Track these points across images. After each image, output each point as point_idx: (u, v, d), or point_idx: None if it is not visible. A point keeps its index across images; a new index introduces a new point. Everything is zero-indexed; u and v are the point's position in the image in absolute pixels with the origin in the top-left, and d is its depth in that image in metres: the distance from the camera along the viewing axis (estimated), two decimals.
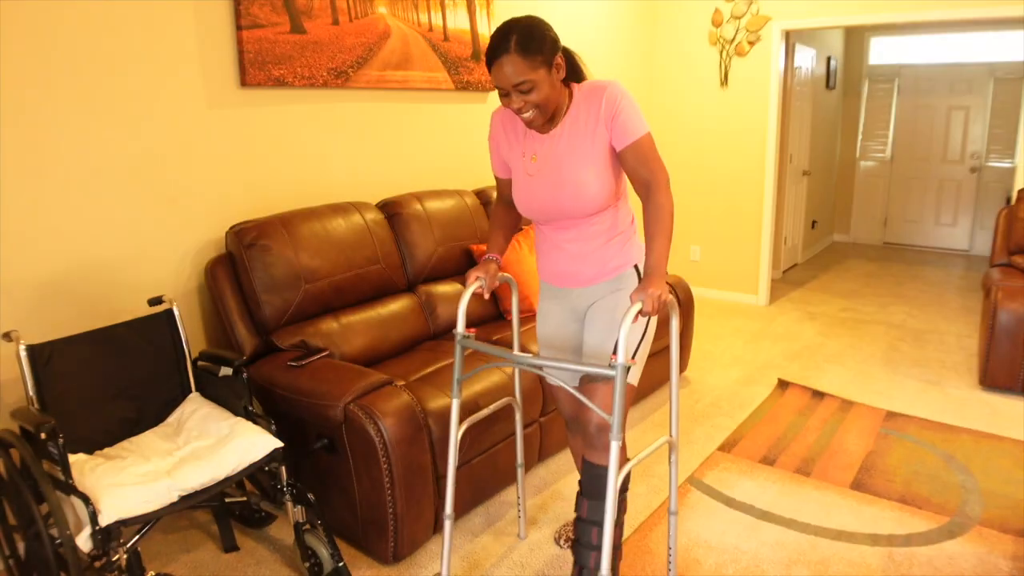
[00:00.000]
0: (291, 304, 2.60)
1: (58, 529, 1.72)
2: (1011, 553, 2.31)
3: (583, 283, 1.96)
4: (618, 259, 1.92)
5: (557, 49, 1.73)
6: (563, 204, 1.85)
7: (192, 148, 2.62)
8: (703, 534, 2.44)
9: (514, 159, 1.93)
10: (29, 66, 2.18)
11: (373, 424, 2.13)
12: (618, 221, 1.90)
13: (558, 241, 1.94)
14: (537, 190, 1.87)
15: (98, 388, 2.16)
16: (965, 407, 3.46)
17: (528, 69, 1.67)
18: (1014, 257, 4.01)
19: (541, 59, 1.68)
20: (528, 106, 1.73)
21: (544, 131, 1.85)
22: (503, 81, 1.71)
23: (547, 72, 1.71)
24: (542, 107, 1.74)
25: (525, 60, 1.67)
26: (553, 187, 1.84)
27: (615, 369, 1.57)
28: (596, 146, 1.79)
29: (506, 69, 1.68)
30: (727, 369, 4.01)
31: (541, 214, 1.91)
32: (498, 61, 1.69)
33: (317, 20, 2.91)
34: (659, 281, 1.66)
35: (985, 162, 6.80)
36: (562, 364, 1.66)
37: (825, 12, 4.64)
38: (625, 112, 1.76)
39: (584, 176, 1.80)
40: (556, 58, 1.73)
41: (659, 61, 5.38)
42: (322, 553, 2.14)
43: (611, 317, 1.90)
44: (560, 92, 1.78)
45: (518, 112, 1.76)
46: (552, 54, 1.71)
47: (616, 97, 1.77)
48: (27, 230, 2.23)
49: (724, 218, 5.33)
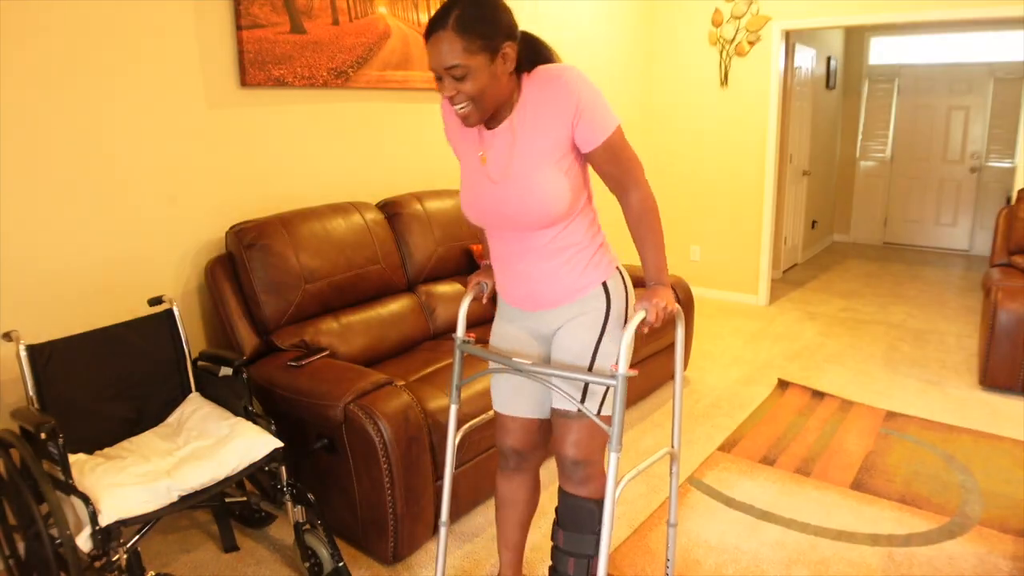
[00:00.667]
0: (291, 304, 2.60)
1: (58, 529, 1.72)
2: (1011, 553, 2.31)
3: (544, 306, 1.69)
4: (585, 277, 1.65)
5: (509, 35, 1.45)
6: (513, 214, 1.58)
7: (192, 148, 2.62)
8: (703, 534, 2.44)
9: (466, 154, 1.66)
10: (29, 66, 2.18)
11: (373, 424, 2.13)
12: (581, 234, 1.64)
13: (510, 257, 1.67)
14: (485, 195, 1.61)
15: (98, 388, 2.16)
16: (965, 407, 3.45)
17: (464, 52, 1.40)
18: (1014, 257, 4.01)
19: (482, 43, 1.41)
20: (461, 96, 1.46)
21: (490, 126, 1.59)
22: (435, 61, 1.44)
23: (487, 60, 1.43)
24: (477, 101, 1.46)
25: (462, 40, 1.39)
26: (504, 192, 1.57)
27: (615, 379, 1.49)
28: (552, 147, 1.53)
29: (441, 47, 1.41)
30: (727, 369, 4.01)
31: (489, 222, 1.65)
32: (434, 36, 1.42)
33: (317, 20, 2.91)
34: (664, 290, 1.54)
35: (985, 162, 6.80)
36: (566, 373, 1.53)
37: (825, 12, 4.64)
38: (590, 107, 1.49)
39: (537, 182, 1.53)
40: (504, 46, 1.44)
41: (659, 61, 5.38)
42: (322, 553, 2.14)
43: (583, 341, 1.65)
44: (505, 86, 1.50)
45: (450, 102, 1.49)
46: (499, 39, 1.43)
47: (576, 89, 1.48)
48: (27, 230, 2.23)
49: (724, 218, 5.33)
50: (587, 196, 1.66)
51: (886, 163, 7.34)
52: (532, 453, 1.86)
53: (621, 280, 1.72)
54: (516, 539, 1.97)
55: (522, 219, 1.58)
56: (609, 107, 1.54)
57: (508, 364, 1.62)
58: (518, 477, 1.91)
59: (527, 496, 1.93)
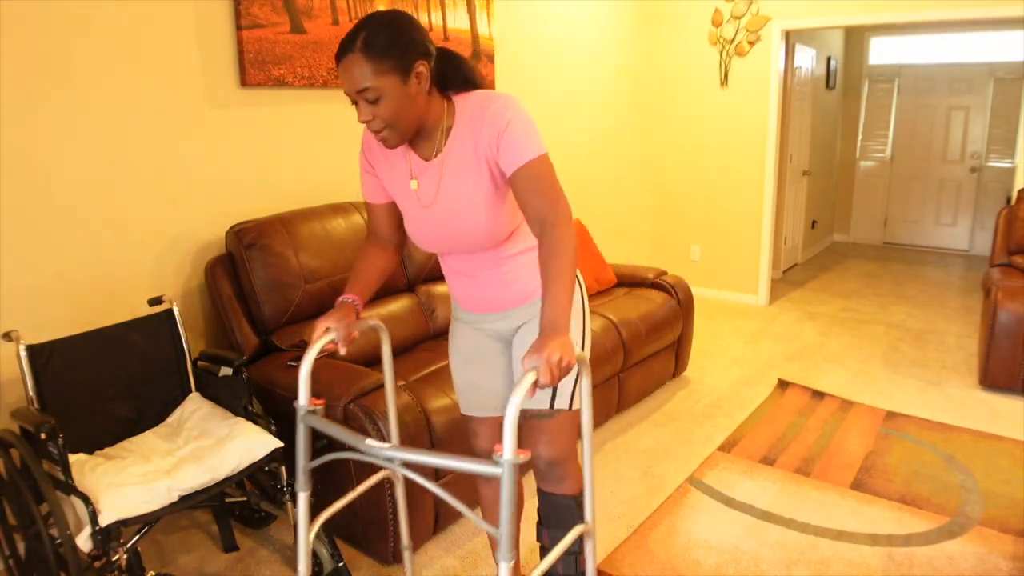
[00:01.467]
0: (291, 304, 2.60)
1: (58, 529, 1.72)
2: (1011, 553, 2.31)
3: (501, 308, 1.69)
4: (536, 281, 1.66)
5: (421, 54, 1.42)
6: (456, 240, 1.58)
7: (192, 148, 2.62)
8: (703, 534, 2.44)
9: (396, 183, 1.62)
10: (29, 66, 2.18)
11: (373, 424, 2.13)
12: (529, 241, 1.64)
13: (461, 269, 1.68)
14: (426, 223, 1.59)
15: (98, 388, 2.16)
16: (965, 407, 3.45)
17: (374, 74, 1.38)
18: (1014, 257, 4.01)
19: (392, 64, 1.38)
20: (378, 121, 1.43)
21: (425, 154, 1.56)
22: (347, 86, 1.41)
23: (399, 80, 1.40)
24: (394, 124, 1.44)
25: (371, 63, 1.37)
26: (441, 222, 1.57)
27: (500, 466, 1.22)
28: (484, 174, 1.50)
29: (352, 71, 1.38)
30: (727, 369, 4.01)
31: (435, 248, 1.65)
32: (344, 60, 1.39)
33: (317, 20, 2.91)
34: (559, 339, 1.29)
35: (985, 162, 6.80)
36: (429, 459, 1.27)
37: (825, 12, 4.64)
38: (513, 130, 1.45)
39: (474, 211, 1.52)
40: (417, 65, 1.41)
41: (659, 61, 5.38)
42: (322, 553, 2.14)
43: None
44: (422, 107, 1.47)
45: (367, 126, 1.46)
46: (410, 58, 1.40)
47: (502, 113, 1.46)
48: (27, 230, 2.23)
49: (724, 218, 5.33)
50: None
51: (886, 163, 7.34)
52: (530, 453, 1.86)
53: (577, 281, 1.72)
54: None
55: (465, 244, 1.59)
56: (537, 135, 1.48)
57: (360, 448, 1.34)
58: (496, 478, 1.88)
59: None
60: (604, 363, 3.07)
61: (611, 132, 5.05)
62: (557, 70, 4.42)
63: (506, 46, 3.98)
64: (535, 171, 1.45)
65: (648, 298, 3.54)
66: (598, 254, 3.80)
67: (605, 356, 3.07)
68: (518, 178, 1.46)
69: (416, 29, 1.43)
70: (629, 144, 5.28)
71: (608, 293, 3.68)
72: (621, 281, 3.83)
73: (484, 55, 3.75)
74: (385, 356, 1.75)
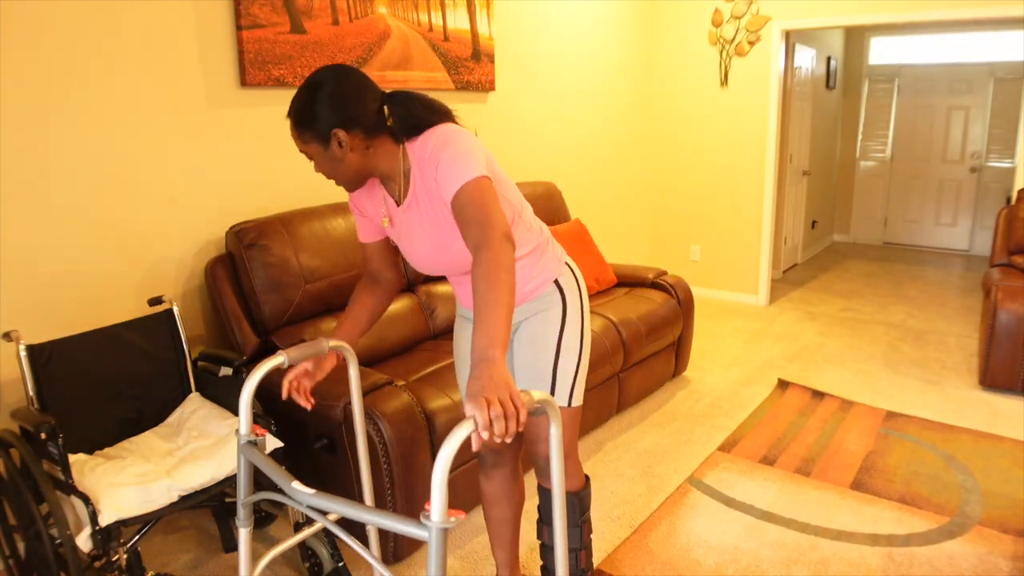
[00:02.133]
0: (291, 304, 2.60)
1: (58, 529, 1.72)
2: (1011, 553, 2.31)
3: None
4: (535, 279, 1.71)
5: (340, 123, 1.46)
6: (447, 266, 1.65)
7: (192, 148, 2.62)
8: (703, 534, 2.44)
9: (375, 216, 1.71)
10: (29, 66, 2.18)
11: (373, 424, 2.13)
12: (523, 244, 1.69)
13: (463, 281, 1.74)
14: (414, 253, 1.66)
15: (98, 388, 2.16)
16: (965, 407, 3.45)
17: (300, 141, 1.50)
18: (1014, 257, 4.01)
19: (311, 134, 1.47)
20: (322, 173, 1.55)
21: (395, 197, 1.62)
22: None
23: (321, 147, 1.48)
24: (333, 178, 1.55)
25: (297, 130, 1.49)
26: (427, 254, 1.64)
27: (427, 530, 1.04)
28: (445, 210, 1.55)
29: (291, 133, 1.52)
30: (727, 369, 4.01)
31: (435, 273, 1.71)
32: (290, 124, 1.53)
33: (317, 20, 2.91)
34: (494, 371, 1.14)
35: (985, 162, 6.80)
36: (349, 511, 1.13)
37: (825, 12, 4.64)
38: (443, 166, 1.46)
39: (452, 243, 1.58)
40: (335, 133, 1.46)
41: (659, 61, 5.38)
42: (322, 553, 2.14)
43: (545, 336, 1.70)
44: (357, 163, 1.53)
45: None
46: (326, 130, 1.46)
47: (436, 152, 1.48)
48: (27, 230, 2.23)
49: (724, 218, 5.33)
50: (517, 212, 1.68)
51: (886, 163, 7.34)
52: (505, 447, 1.89)
53: (571, 274, 1.77)
54: (507, 537, 1.99)
55: (459, 268, 1.65)
56: (471, 159, 1.46)
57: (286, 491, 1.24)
58: (497, 473, 1.93)
59: (510, 490, 1.95)
60: (604, 363, 3.07)
61: (611, 132, 5.05)
62: (557, 70, 4.42)
63: (506, 46, 3.98)
64: (463, 198, 1.42)
65: (648, 298, 3.54)
66: (598, 254, 3.80)
67: (605, 356, 3.07)
68: (453, 209, 1.44)
69: (340, 101, 1.46)
70: (629, 144, 5.28)
71: (608, 293, 3.68)
72: (621, 281, 3.83)
73: (484, 55, 3.75)
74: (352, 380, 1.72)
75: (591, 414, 3.13)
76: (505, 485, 1.93)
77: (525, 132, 4.23)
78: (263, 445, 1.45)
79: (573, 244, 3.70)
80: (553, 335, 1.70)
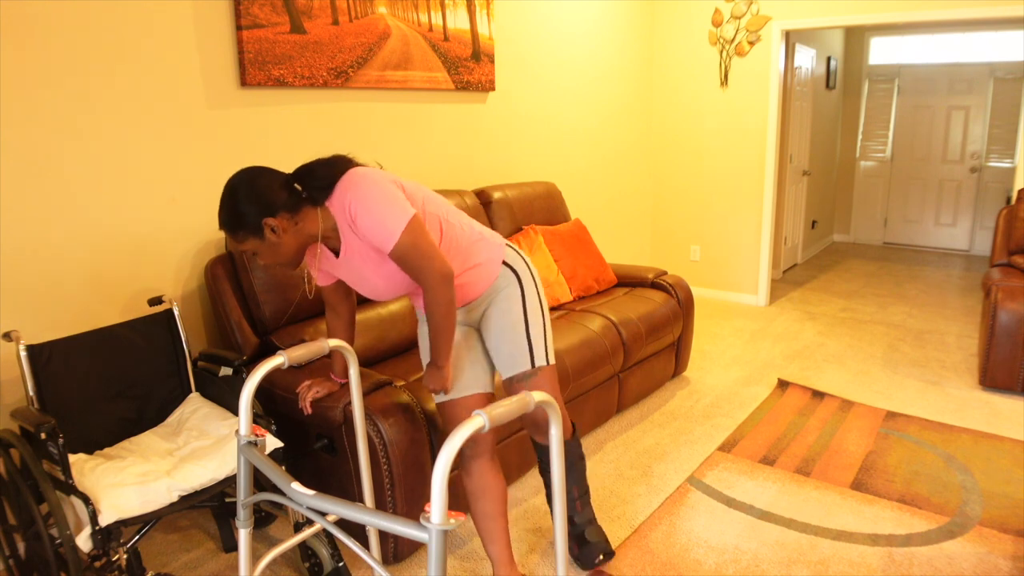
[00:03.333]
0: (291, 304, 2.60)
1: (58, 529, 1.72)
2: (1011, 553, 2.31)
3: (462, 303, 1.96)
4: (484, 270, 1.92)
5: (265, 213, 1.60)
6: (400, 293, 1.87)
7: (192, 148, 2.62)
8: (703, 534, 2.44)
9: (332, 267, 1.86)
10: (29, 66, 2.18)
11: (373, 424, 2.13)
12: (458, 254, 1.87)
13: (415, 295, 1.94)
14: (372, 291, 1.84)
15: (98, 388, 2.16)
16: (965, 407, 3.46)
17: (235, 242, 1.65)
18: (1014, 257, 4.01)
19: (244, 232, 1.62)
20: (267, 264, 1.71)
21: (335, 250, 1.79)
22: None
23: (258, 240, 1.64)
24: (279, 263, 1.71)
25: (229, 234, 1.64)
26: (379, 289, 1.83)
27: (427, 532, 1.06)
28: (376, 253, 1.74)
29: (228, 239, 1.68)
30: (727, 369, 4.01)
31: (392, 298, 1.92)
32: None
33: (317, 20, 2.91)
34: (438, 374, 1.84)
35: (985, 162, 6.80)
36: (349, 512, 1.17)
37: (825, 12, 4.64)
38: (364, 219, 1.65)
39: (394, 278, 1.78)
40: (266, 223, 1.61)
41: (659, 61, 5.38)
42: (322, 553, 2.14)
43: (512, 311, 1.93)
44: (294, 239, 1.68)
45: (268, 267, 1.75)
46: (256, 223, 1.60)
47: (351, 204, 1.66)
48: (27, 230, 2.23)
49: (724, 218, 5.33)
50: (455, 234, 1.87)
51: (886, 163, 7.34)
52: (480, 436, 1.94)
53: (513, 251, 1.99)
54: (496, 532, 2.01)
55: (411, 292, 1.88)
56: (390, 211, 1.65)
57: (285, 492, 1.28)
58: (475, 466, 1.99)
59: (491, 481, 1.99)
60: (604, 363, 3.07)
61: (611, 132, 5.05)
62: (557, 70, 4.42)
63: (506, 46, 3.98)
64: (398, 253, 1.67)
65: (648, 298, 3.54)
66: (598, 254, 3.80)
67: (605, 356, 3.07)
68: (394, 261, 1.70)
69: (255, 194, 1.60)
70: (629, 144, 5.28)
71: (608, 293, 3.68)
72: (621, 281, 3.83)
73: (484, 55, 3.75)
74: (352, 380, 1.88)
75: (591, 414, 3.13)
76: (485, 477, 1.99)
77: (525, 132, 4.23)
78: (263, 445, 1.46)
79: (573, 244, 3.70)
80: (518, 308, 1.94)
